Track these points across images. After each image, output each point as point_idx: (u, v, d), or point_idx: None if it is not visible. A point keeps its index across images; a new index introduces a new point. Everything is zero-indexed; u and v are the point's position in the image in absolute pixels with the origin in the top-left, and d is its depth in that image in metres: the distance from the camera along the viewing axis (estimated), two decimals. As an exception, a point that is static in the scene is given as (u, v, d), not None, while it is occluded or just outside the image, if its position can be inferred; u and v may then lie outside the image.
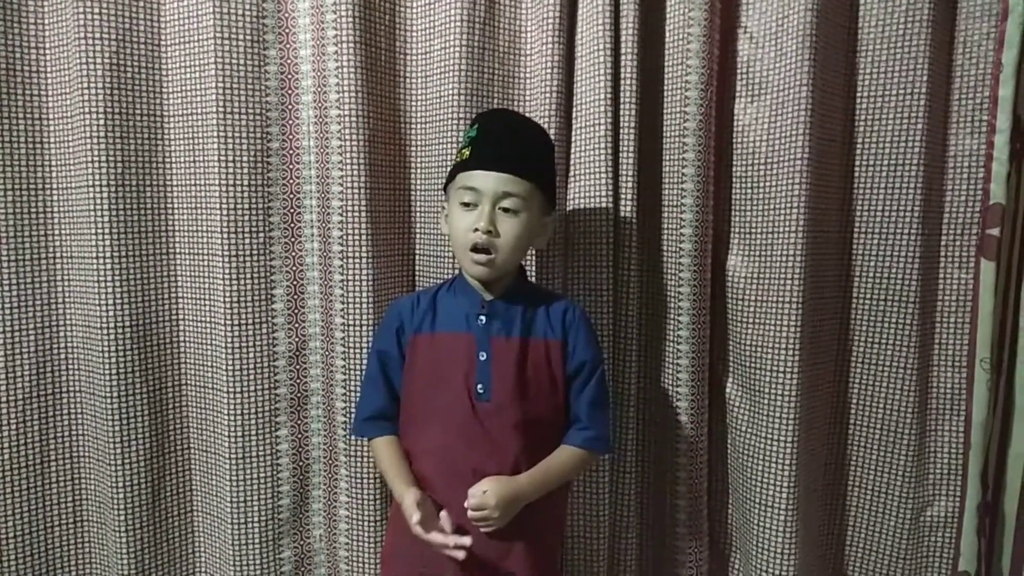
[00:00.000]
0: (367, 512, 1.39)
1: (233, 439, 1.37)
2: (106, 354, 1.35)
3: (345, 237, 1.35)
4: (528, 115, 1.34)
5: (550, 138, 1.24)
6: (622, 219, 1.40)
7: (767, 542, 1.39)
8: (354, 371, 1.36)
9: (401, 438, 1.19)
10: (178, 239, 1.42)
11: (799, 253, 1.34)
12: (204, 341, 1.41)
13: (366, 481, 1.38)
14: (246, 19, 1.32)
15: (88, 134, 1.31)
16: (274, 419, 1.40)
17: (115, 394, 1.36)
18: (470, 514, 1.04)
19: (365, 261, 1.35)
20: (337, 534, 1.45)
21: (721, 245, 1.48)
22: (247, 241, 1.35)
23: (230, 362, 1.36)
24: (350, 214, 1.34)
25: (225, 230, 1.33)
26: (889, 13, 1.36)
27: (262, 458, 1.39)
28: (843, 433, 1.50)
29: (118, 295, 1.35)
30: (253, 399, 1.38)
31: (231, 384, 1.36)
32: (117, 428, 1.37)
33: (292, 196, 1.39)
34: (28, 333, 1.38)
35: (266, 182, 1.36)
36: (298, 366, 1.42)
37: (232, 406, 1.37)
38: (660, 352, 1.47)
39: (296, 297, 1.41)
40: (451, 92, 1.37)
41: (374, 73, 1.37)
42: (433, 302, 1.20)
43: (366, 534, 1.39)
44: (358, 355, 1.36)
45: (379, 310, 1.37)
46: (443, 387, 1.14)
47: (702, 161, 1.39)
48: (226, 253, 1.34)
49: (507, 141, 1.14)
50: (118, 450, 1.37)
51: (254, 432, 1.38)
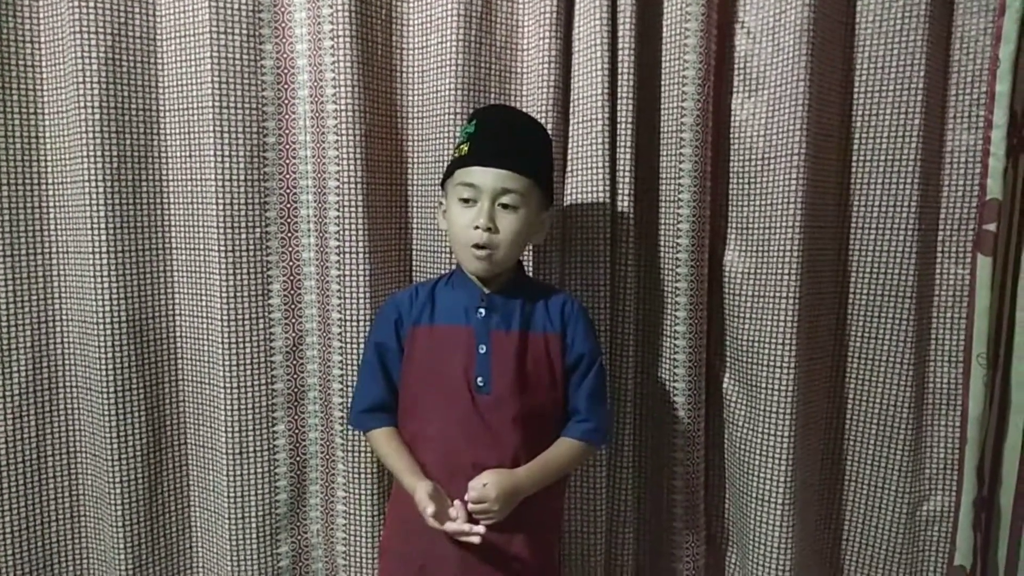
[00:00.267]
0: (364, 506, 1.39)
1: (230, 434, 1.37)
2: (102, 349, 1.35)
3: (342, 232, 1.35)
4: (525, 110, 1.34)
5: (548, 133, 1.24)
6: (619, 214, 1.40)
7: (764, 536, 1.39)
8: (351, 366, 1.36)
9: (399, 430, 1.19)
10: (174, 234, 1.41)
11: (796, 248, 1.34)
12: (201, 336, 1.41)
13: (363, 476, 1.38)
14: (242, 13, 1.31)
15: (84, 128, 1.31)
16: (271, 414, 1.40)
17: (111, 389, 1.36)
18: (470, 507, 1.04)
19: (362, 256, 1.35)
20: (334, 528, 1.45)
21: (718, 240, 1.48)
22: (243, 236, 1.35)
23: (227, 357, 1.36)
24: (346, 209, 1.34)
25: (221, 225, 1.33)
26: (886, 8, 1.36)
27: (259, 453, 1.39)
28: (840, 428, 1.50)
29: (114, 290, 1.35)
30: (250, 394, 1.38)
31: (228, 379, 1.36)
32: (114, 423, 1.37)
33: (288, 191, 1.39)
34: (24, 328, 1.38)
35: (262, 177, 1.36)
36: (295, 361, 1.42)
37: (229, 401, 1.36)
38: (657, 347, 1.47)
39: (293, 292, 1.41)
40: (448, 87, 1.36)
41: (370, 67, 1.37)
42: (432, 295, 1.20)
43: (363, 528, 1.39)
44: (355, 350, 1.36)
45: (376, 305, 1.36)
46: (442, 380, 1.14)
47: (699, 156, 1.39)
48: (222, 248, 1.34)
49: (505, 137, 1.14)
50: (115, 445, 1.37)
51: (251, 427, 1.38)
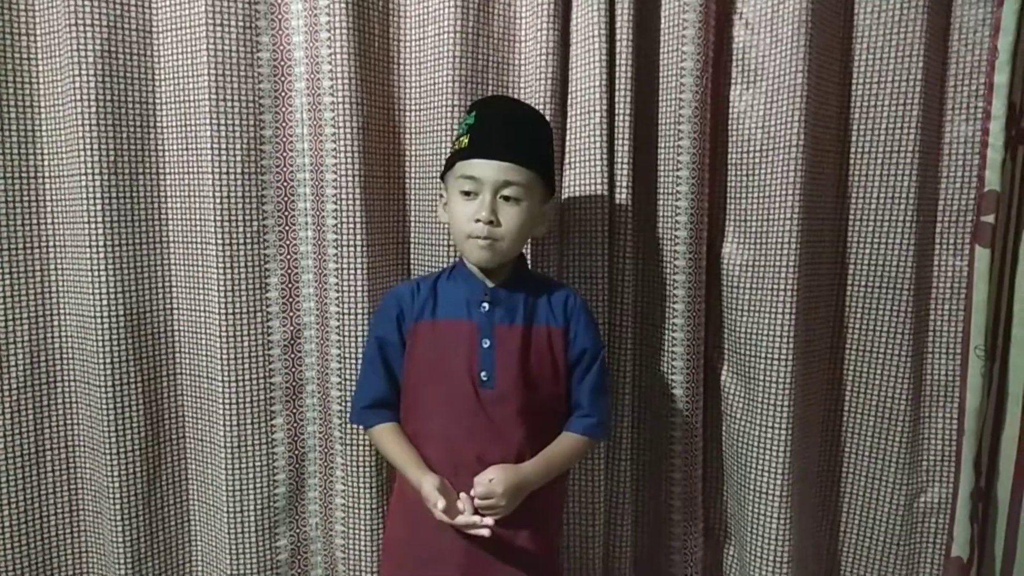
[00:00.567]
0: (363, 500, 1.39)
1: (228, 428, 1.37)
2: (100, 343, 1.35)
3: (339, 225, 1.34)
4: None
5: (549, 124, 1.23)
6: (617, 206, 1.40)
7: (761, 528, 1.39)
8: (349, 359, 1.36)
9: (403, 425, 1.18)
10: (171, 227, 1.41)
11: (794, 241, 1.34)
12: (199, 330, 1.41)
13: (362, 470, 1.38)
14: (238, 5, 1.30)
15: (80, 122, 1.30)
16: (269, 408, 1.40)
17: (110, 383, 1.36)
18: (476, 502, 1.04)
19: (359, 249, 1.35)
20: (333, 522, 1.45)
21: (716, 232, 1.48)
22: (240, 229, 1.34)
23: (225, 351, 1.35)
24: (344, 202, 1.34)
25: (218, 218, 1.33)
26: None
27: (258, 447, 1.39)
28: (837, 420, 1.51)
29: (112, 284, 1.34)
30: (248, 388, 1.38)
31: (226, 373, 1.36)
32: (112, 417, 1.37)
33: (286, 184, 1.38)
34: (22, 322, 1.37)
35: (259, 170, 1.35)
36: (293, 355, 1.42)
37: (227, 395, 1.36)
38: (655, 339, 1.47)
39: (290, 285, 1.41)
40: (445, 79, 1.36)
41: (367, 60, 1.36)
42: (433, 289, 1.19)
43: (362, 522, 1.39)
44: (353, 343, 1.36)
45: (374, 298, 1.36)
46: (446, 374, 1.13)
47: (697, 148, 1.38)
48: (219, 241, 1.33)
49: (506, 129, 1.13)
50: (113, 439, 1.37)
51: (249, 421, 1.38)
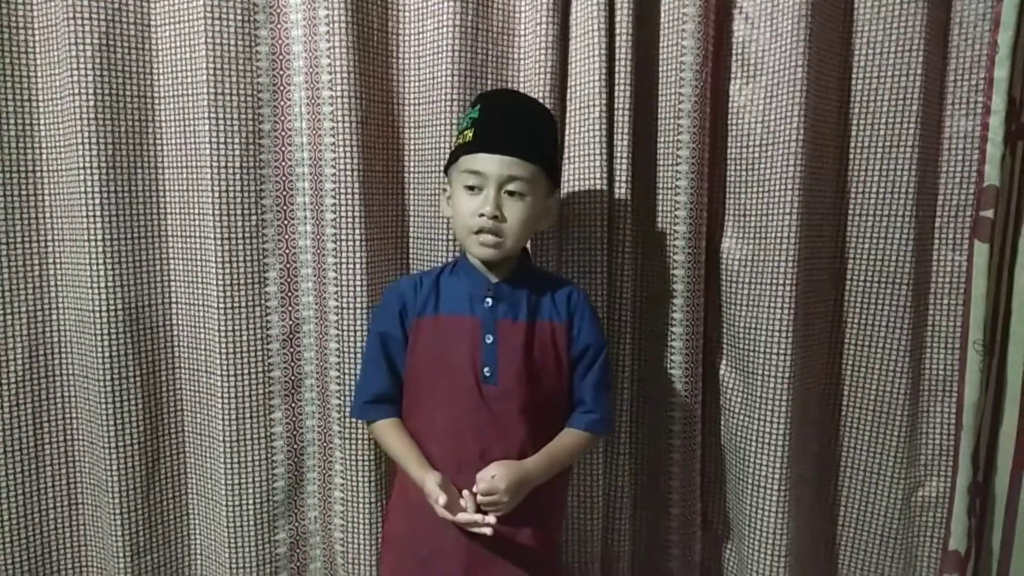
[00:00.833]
0: (362, 494, 1.39)
1: (227, 422, 1.37)
2: (99, 337, 1.35)
3: (338, 219, 1.34)
4: (523, 95, 1.33)
5: (553, 117, 1.22)
6: (617, 200, 1.40)
7: (759, 522, 1.39)
8: (348, 354, 1.36)
9: (405, 421, 1.18)
10: (170, 222, 1.41)
11: (793, 235, 1.34)
12: (197, 324, 1.40)
13: (361, 463, 1.38)
14: (237, -2, 1.30)
15: (78, 115, 1.30)
16: (268, 402, 1.40)
17: (108, 377, 1.36)
18: (479, 499, 1.04)
19: (358, 243, 1.35)
20: (332, 516, 1.45)
21: (715, 227, 1.48)
22: (239, 224, 1.34)
23: (223, 345, 1.35)
24: (343, 196, 1.33)
25: (217, 212, 1.32)
26: (885, -7, 1.36)
27: (256, 441, 1.39)
28: (836, 414, 1.51)
29: (110, 278, 1.34)
30: (247, 382, 1.37)
31: (225, 367, 1.36)
32: (111, 411, 1.37)
33: (284, 178, 1.38)
34: (20, 316, 1.37)
35: (258, 164, 1.35)
36: (292, 349, 1.42)
37: (226, 389, 1.36)
38: (654, 334, 1.47)
39: (289, 280, 1.40)
40: (444, 72, 1.35)
41: (366, 53, 1.35)
42: (436, 284, 1.19)
43: (361, 516, 1.39)
44: (352, 338, 1.36)
45: (373, 293, 1.36)
46: (449, 370, 1.13)
47: (697, 143, 1.38)
48: (218, 236, 1.33)
49: (511, 123, 1.12)
50: (112, 433, 1.37)
51: (248, 415, 1.38)
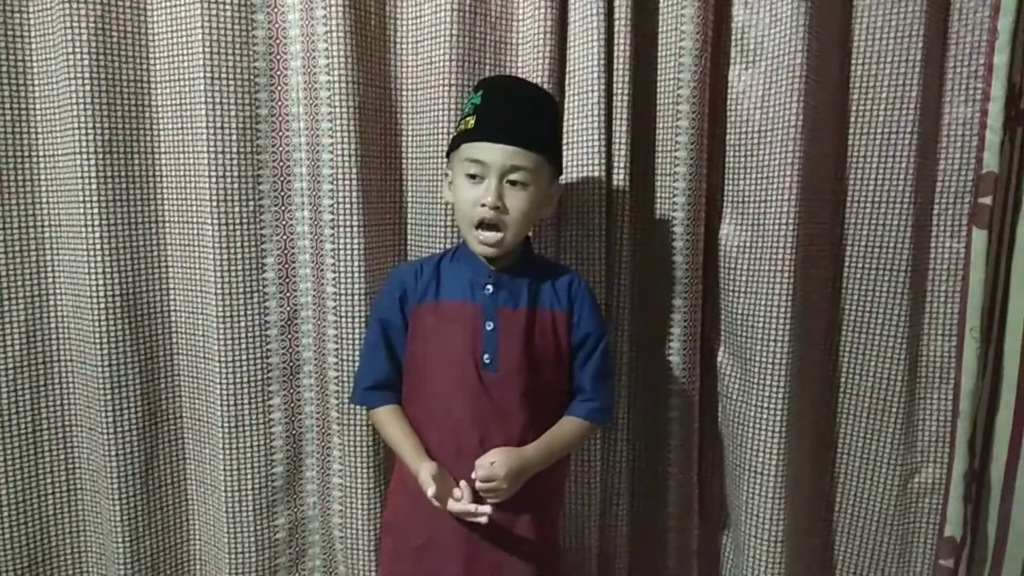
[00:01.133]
0: (360, 480, 1.39)
1: (226, 408, 1.37)
2: (97, 323, 1.35)
3: (336, 205, 1.34)
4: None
5: (556, 104, 1.20)
6: (615, 187, 1.39)
7: (756, 508, 1.40)
8: (346, 340, 1.36)
9: (404, 407, 1.18)
10: (167, 207, 1.40)
11: (792, 222, 1.33)
12: (195, 310, 1.40)
13: (359, 449, 1.38)
14: (233, -19, 1.29)
15: (74, 100, 1.29)
16: (267, 388, 1.40)
17: (106, 363, 1.36)
18: (478, 485, 1.04)
19: (356, 230, 1.34)
20: (331, 501, 1.46)
21: (714, 213, 1.47)
22: (237, 209, 1.34)
23: (222, 331, 1.35)
24: (340, 182, 1.33)
25: (214, 198, 1.32)
26: (885, -22, 1.35)
27: (255, 427, 1.39)
28: (833, 400, 1.51)
29: (107, 263, 1.34)
30: (245, 368, 1.38)
31: (223, 353, 1.36)
32: (109, 397, 1.37)
33: (281, 164, 1.38)
34: (17, 302, 1.37)
35: (255, 150, 1.34)
36: (290, 335, 1.42)
37: (224, 375, 1.36)
38: (652, 320, 1.47)
39: (287, 266, 1.40)
40: (442, 58, 1.35)
41: (363, 38, 1.35)
42: (437, 270, 1.18)
43: (360, 501, 1.40)
44: (350, 324, 1.36)
45: (371, 278, 1.36)
46: (449, 357, 1.12)
47: (696, 129, 1.38)
48: (216, 221, 1.33)
49: (514, 111, 1.10)
50: (110, 419, 1.37)
51: (247, 401, 1.38)
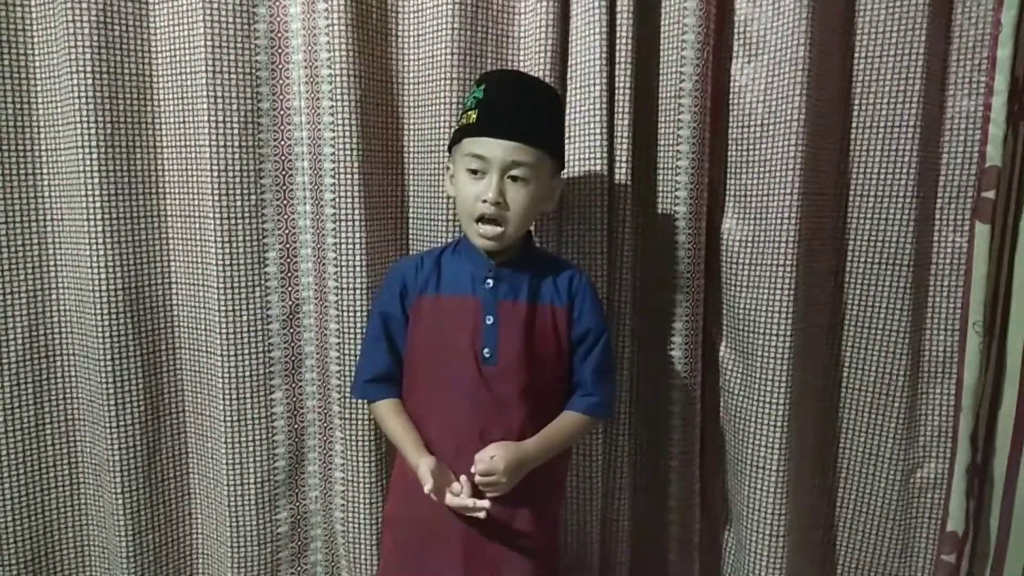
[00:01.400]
0: (362, 474, 1.39)
1: (228, 402, 1.37)
2: (99, 317, 1.35)
3: (337, 199, 1.34)
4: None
5: (559, 98, 1.19)
6: (617, 181, 1.39)
7: (758, 503, 1.40)
8: (348, 333, 1.36)
9: (404, 400, 1.18)
10: (169, 201, 1.40)
11: (794, 216, 1.33)
12: (197, 304, 1.41)
13: (361, 443, 1.39)
14: (234, -25, 1.29)
15: (76, 94, 1.29)
16: (269, 382, 1.40)
17: (109, 357, 1.36)
18: (477, 479, 1.04)
19: (358, 223, 1.34)
20: (333, 495, 1.46)
21: (716, 207, 1.47)
22: (239, 203, 1.34)
23: (224, 325, 1.35)
24: (342, 176, 1.33)
25: (216, 192, 1.32)
26: (888, -29, 1.35)
27: (257, 421, 1.40)
28: (835, 395, 1.51)
29: (110, 257, 1.34)
30: (247, 362, 1.38)
31: (225, 347, 1.36)
32: (111, 391, 1.37)
33: (283, 158, 1.38)
34: (20, 296, 1.37)
35: (257, 143, 1.34)
36: (292, 329, 1.42)
37: (226, 369, 1.37)
38: (654, 315, 1.47)
39: (289, 260, 1.40)
40: (444, 51, 1.35)
41: (365, 32, 1.35)
42: (437, 264, 1.18)
43: (361, 495, 1.40)
44: (352, 318, 1.36)
45: (372, 272, 1.36)
46: (449, 350, 1.12)
47: (698, 122, 1.38)
48: (218, 215, 1.33)
49: (516, 106, 1.10)
50: (113, 413, 1.38)
51: (249, 395, 1.39)
